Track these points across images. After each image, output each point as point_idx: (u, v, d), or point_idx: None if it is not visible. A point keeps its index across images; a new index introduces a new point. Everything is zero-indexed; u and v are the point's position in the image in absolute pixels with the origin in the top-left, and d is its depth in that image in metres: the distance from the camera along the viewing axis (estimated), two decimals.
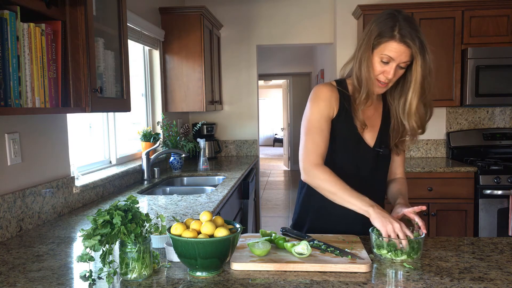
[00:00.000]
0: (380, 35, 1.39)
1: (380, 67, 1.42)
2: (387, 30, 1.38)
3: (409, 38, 1.35)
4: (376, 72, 1.43)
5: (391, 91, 1.54)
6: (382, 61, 1.41)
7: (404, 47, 1.37)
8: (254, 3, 4.30)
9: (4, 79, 1.28)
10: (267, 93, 15.51)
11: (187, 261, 1.15)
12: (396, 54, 1.38)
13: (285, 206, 6.47)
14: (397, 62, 1.39)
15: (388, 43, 1.38)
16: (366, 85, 1.45)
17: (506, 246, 1.39)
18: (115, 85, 1.95)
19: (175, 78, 3.66)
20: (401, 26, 1.37)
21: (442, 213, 3.31)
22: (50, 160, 1.93)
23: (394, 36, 1.37)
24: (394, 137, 1.56)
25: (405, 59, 1.39)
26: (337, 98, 1.52)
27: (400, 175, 1.67)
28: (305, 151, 1.51)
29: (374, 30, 1.41)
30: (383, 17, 1.42)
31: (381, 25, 1.40)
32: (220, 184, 2.78)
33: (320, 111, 1.51)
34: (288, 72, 8.87)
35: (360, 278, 1.15)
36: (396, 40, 1.37)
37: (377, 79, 1.44)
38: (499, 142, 3.79)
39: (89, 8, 1.63)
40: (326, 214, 1.57)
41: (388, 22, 1.39)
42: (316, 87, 1.57)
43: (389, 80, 1.44)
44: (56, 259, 1.35)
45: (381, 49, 1.40)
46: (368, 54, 1.42)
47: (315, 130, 1.50)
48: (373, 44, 1.41)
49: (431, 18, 3.50)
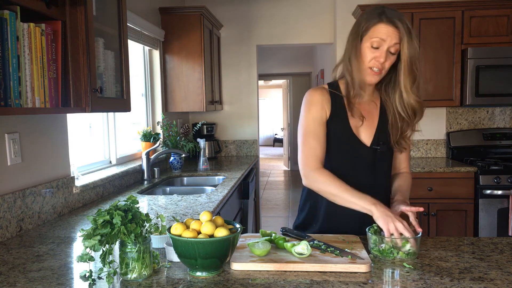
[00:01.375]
0: (368, 21, 1.43)
1: (371, 53, 1.43)
2: (374, 16, 1.43)
3: (396, 21, 1.40)
4: (367, 59, 1.44)
5: (385, 87, 1.55)
6: (372, 47, 1.42)
7: (392, 27, 1.40)
8: (254, 3, 4.30)
9: (4, 79, 1.28)
10: (267, 93, 15.51)
11: (187, 261, 1.15)
12: (385, 35, 1.40)
13: (285, 206, 6.47)
14: (387, 44, 1.41)
15: (376, 26, 1.42)
16: (358, 76, 1.46)
17: (506, 246, 1.39)
18: (115, 85, 1.95)
19: (175, 78, 3.66)
20: (386, 12, 1.43)
21: (442, 213, 3.31)
22: (50, 160, 1.94)
23: (381, 19, 1.41)
24: (394, 134, 1.56)
25: (395, 40, 1.41)
26: (328, 100, 1.54)
27: (404, 169, 1.67)
28: (303, 157, 1.52)
29: (361, 20, 1.46)
30: (369, 10, 1.47)
31: (367, 15, 1.46)
32: (220, 184, 2.78)
33: (312, 116, 1.53)
34: (288, 72, 8.87)
35: (360, 278, 1.15)
36: (384, 22, 1.41)
37: (369, 67, 1.45)
38: (499, 142, 3.79)
39: (89, 8, 1.63)
40: (335, 215, 1.56)
41: (375, 11, 1.45)
42: (307, 92, 1.58)
43: (381, 66, 1.44)
44: (56, 259, 1.35)
45: (370, 34, 1.43)
46: (357, 43, 1.45)
47: (311, 135, 1.52)
48: (362, 32, 1.44)
49: (431, 18, 3.50)
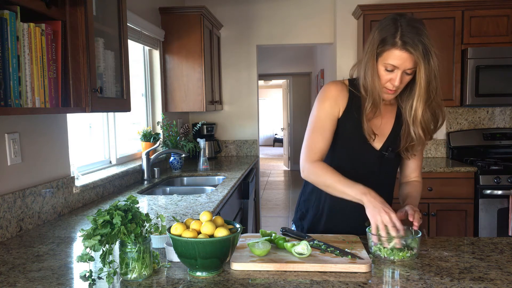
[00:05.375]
0: (383, 43, 1.37)
1: (386, 75, 1.40)
2: (389, 37, 1.36)
3: (411, 44, 1.33)
4: (382, 81, 1.42)
5: (401, 94, 1.51)
6: (387, 70, 1.39)
7: (406, 54, 1.34)
8: (254, 3, 4.30)
9: (4, 79, 1.28)
10: (267, 93, 15.51)
11: (187, 261, 1.15)
12: (399, 62, 1.36)
13: (285, 206, 6.47)
14: (401, 69, 1.38)
15: (390, 51, 1.36)
16: (372, 94, 1.43)
17: (506, 246, 1.39)
18: (115, 85, 1.95)
19: (175, 78, 3.66)
20: (403, 32, 1.34)
21: (442, 213, 3.30)
22: (50, 160, 1.93)
23: (395, 43, 1.34)
24: (404, 141, 1.52)
25: (410, 66, 1.36)
26: (345, 97, 1.51)
27: (415, 178, 1.63)
28: (305, 150, 1.52)
29: (377, 38, 1.39)
30: (385, 22, 1.40)
31: (383, 32, 1.38)
32: (220, 184, 2.78)
33: (325, 110, 1.51)
34: (288, 72, 8.86)
35: (360, 278, 1.15)
36: (398, 48, 1.34)
37: (385, 87, 1.43)
38: (499, 142, 3.79)
39: (89, 8, 1.63)
40: (339, 214, 1.57)
41: (390, 29, 1.36)
42: (326, 85, 1.55)
43: (397, 87, 1.42)
44: (56, 259, 1.35)
45: (384, 57, 1.38)
46: (373, 63, 1.41)
47: (318, 130, 1.50)
48: (377, 53, 1.39)
49: (431, 18, 3.50)
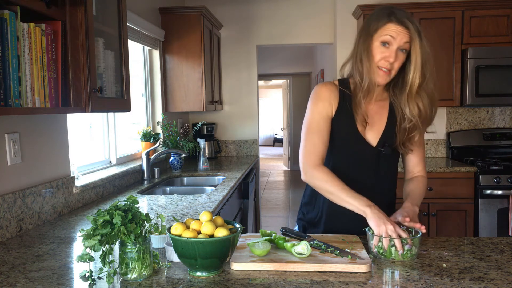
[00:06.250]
0: (378, 21, 1.43)
1: (381, 52, 1.43)
2: (383, 16, 1.43)
3: (405, 22, 1.40)
4: (376, 58, 1.44)
5: (393, 88, 1.53)
6: (382, 45, 1.42)
7: (402, 27, 1.40)
8: (254, 3, 4.30)
9: (4, 79, 1.28)
10: (267, 93, 15.51)
11: (187, 261, 1.15)
12: (395, 33, 1.40)
13: (285, 206, 6.47)
14: (397, 43, 1.41)
15: (386, 25, 1.42)
16: (368, 75, 1.45)
17: (506, 246, 1.39)
18: (115, 85, 1.95)
19: (175, 78, 3.66)
20: (396, 12, 1.43)
21: (442, 213, 3.30)
22: (50, 160, 1.93)
23: (391, 19, 1.41)
24: (401, 136, 1.53)
25: (405, 39, 1.40)
26: (336, 97, 1.53)
27: (419, 173, 1.63)
28: (304, 152, 1.52)
29: (371, 21, 1.46)
30: (376, 12, 1.47)
31: (376, 15, 1.45)
32: (220, 184, 2.78)
33: (319, 111, 1.52)
34: (288, 72, 8.87)
35: (360, 278, 1.15)
36: (393, 22, 1.41)
37: (379, 66, 1.44)
38: (499, 142, 3.79)
39: (89, 8, 1.63)
40: (340, 214, 1.56)
41: (384, 11, 1.44)
42: (316, 86, 1.57)
43: (391, 66, 1.43)
44: (56, 259, 1.35)
45: (380, 32, 1.42)
46: (368, 43, 1.44)
47: (314, 131, 1.51)
48: (371, 32, 1.44)
49: (431, 18, 3.50)
